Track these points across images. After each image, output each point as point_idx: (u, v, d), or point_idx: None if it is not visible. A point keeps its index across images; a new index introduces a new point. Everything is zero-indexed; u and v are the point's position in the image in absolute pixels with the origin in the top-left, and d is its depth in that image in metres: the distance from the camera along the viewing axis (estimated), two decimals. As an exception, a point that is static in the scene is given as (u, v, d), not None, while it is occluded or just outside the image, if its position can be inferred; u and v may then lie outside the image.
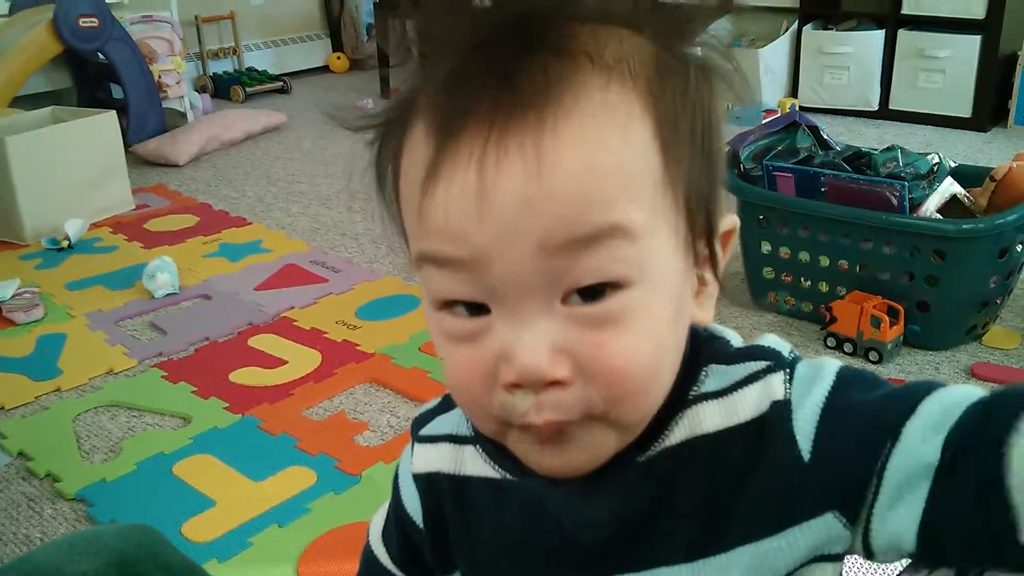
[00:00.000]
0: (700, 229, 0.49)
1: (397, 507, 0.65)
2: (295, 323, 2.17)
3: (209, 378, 1.93)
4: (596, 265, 0.44)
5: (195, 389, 1.89)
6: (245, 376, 1.94)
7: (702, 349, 0.54)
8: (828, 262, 1.99)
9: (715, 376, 0.52)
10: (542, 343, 0.45)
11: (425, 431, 0.62)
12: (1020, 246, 1.87)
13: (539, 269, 0.44)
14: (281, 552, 1.40)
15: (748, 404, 0.50)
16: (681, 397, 0.51)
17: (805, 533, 0.49)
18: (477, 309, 0.46)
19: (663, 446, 0.51)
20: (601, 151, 0.44)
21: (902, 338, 1.91)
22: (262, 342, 2.08)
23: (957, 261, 1.83)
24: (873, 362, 1.88)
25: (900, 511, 0.46)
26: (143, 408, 1.83)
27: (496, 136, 0.43)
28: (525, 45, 0.45)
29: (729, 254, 0.53)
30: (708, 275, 0.52)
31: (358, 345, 2.05)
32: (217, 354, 2.04)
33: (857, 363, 1.89)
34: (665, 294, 0.47)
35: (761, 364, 0.52)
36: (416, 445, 0.62)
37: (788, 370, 0.51)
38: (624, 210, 0.44)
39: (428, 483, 0.61)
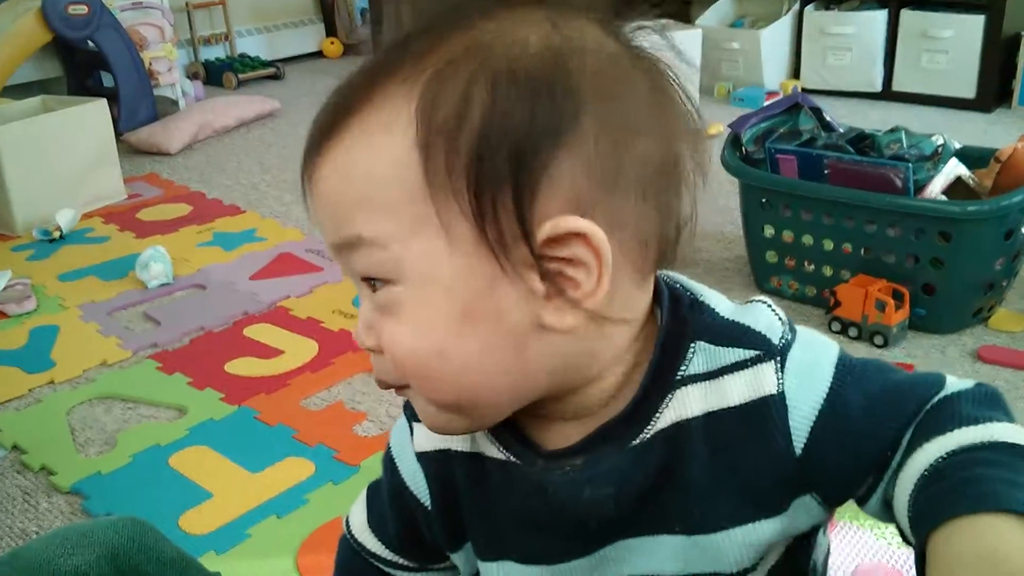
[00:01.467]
0: (511, 234, 0.48)
1: (396, 487, 0.64)
2: (291, 312, 2.14)
3: (204, 369, 1.90)
4: (359, 264, 0.52)
5: (190, 380, 1.86)
6: (241, 366, 1.91)
7: (687, 319, 0.55)
8: (832, 245, 1.97)
9: (702, 355, 0.54)
10: (362, 318, 0.54)
11: None
12: (1027, 227, 1.85)
13: (341, 261, 0.53)
14: (280, 544, 1.38)
15: (735, 391, 0.52)
16: (668, 378, 0.53)
17: (791, 512, 0.53)
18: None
19: (656, 429, 0.53)
20: (353, 165, 0.51)
21: (907, 322, 1.88)
22: (258, 332, 2.06)
23: (962, 243, 1.81)
24: (878, 346, 1.86)
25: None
26: (138, 400, 1.81)
27: (311, 159, 0.55)
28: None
29: (604, 261, 0.49)
30: (538, 284, 0.50)
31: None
32: (212, 344, 2.01)
33: (863, 347, 1.87)
34: (439, 295, 0.50)
35: (750, 353, 0.53)
36: (415, 425, 0.63)
37: (779, 359, 0.53)
38: (366, 223, 0.50)
39: (437, 459, 0.61)
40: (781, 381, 0.52)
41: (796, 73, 3.94)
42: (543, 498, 0.56)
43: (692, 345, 0.54)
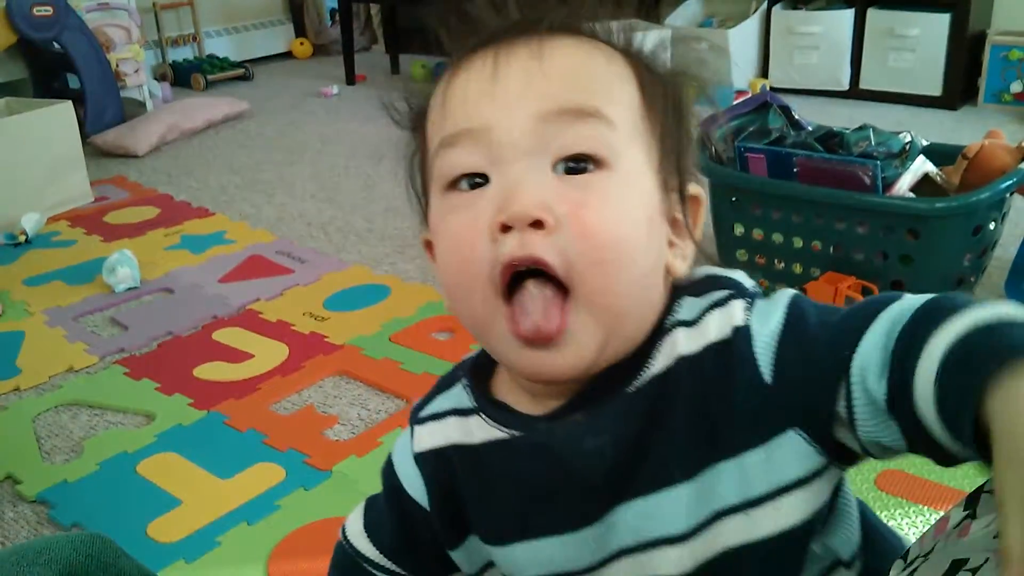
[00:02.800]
0: (672, 181, 0.58)
1: (394, 493, 0.66)
2: (261, 315, 2.12)
3: (173, 374, 1.88)
4: (580, 135, 0.53)
5: (158, 385, 1.84)
6: (210, 371, 1.89)
7: (675, 283, 0.60)
8: (801, 243, 1.97)
9: (687, 306, 0.57)
10: (532, 190, 0.52)
11: (427, 411, 0.66)
12: (993, 224, 1.86)
13: (534, 134, 0.53)
14: (250, 551, 1.37)
15: (712, 327, 0.55)
16: (659, 328, 0.57)
17: (777, 449, 0.53)
18: (478, 186, 0.55)
19: (649, 375, 0.56)
20: (591, 58, 0.57)
21: (877, 319, 1.89)
22: (227, 336, 2.03)
23: (931, 240, 1.82)
24: (849, 343, 1.87)
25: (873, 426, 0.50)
26: (105, 406, 1.78)
27: (506, 45, 0.56)
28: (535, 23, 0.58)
29: (701, 222, 0.61)
30: (675, 238, 0.59)
31: (326, 337, 2.00)
32: (180, 349, 1.99)
33: (833, 345, 1.87)
34: (639, 193, 0.55)
35: (724, 292, 0.57)
36: (416, 427, 0.65)
37: (749, 299, 0.56)
38: (606, 104, 0.55)
39: (436, 459, 0.63)
40: (748, 316, 0.55)
41: (764, 72, 3.96)
42: (549, 460, 0.57)
43: (679, 300, 0.58)
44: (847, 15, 3.69)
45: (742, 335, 0.54)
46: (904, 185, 1.90)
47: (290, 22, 5.28)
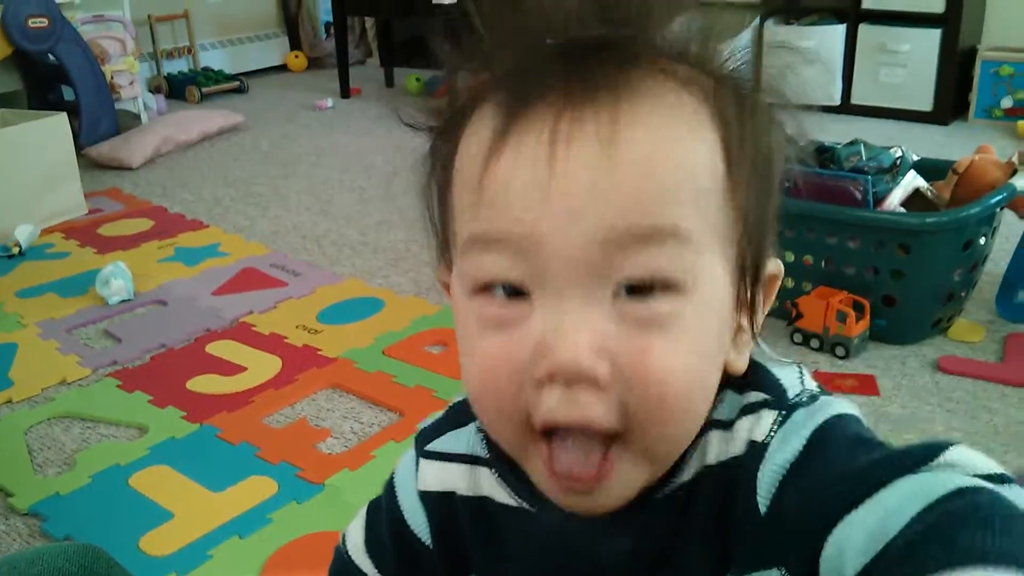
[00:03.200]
0: (748, 267, 0.48)
1: (396, 522, 0.62)
2: (254, 328, 2.13)
3: (166, 387, 1.88)
4: (651, 261, 0.43)
5: (151, 398, 1.83)
6: (203, 384, 1.89)
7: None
8: (793, 257, 1.98)
9: (727, 403, 0.50)
10: (584, 335, 0.42)
11: (434, 446, 0.60)
12: (983, 239, 1.87)
13: (593, 256, 0.43)
14: (242, 564, 1.36)
15: (740, 437, 0.48)
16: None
17: None
18: (517, 295, 0.45)
19: (680, 481, 0.50)
20: (673, 142, 0.44)
21: (868, 333, 1.90)
22: (220, 349, 2.04)
23: (921, 255, 1.83)
24: (840, 357, 1.88)
25: None
26: (97, 419, 1.78)
27: (571, 110, 0.42)
28: (600, 49, 0.44)
29: (770, 304, 0.52)
30: (744, 322, 0.50)
31: (319, 350, 2.00)
32: (174, 362, 1.99)
33: (824, 358, 1.88)
34: (713, 315, 0.46)
35: (761, 396, 0.50)
36: (422, 460, 0.60)
37: (784, 412, 0.48)
38: (688, 214, 0.43)
39: (440, 502, 0.59)
40: (772, 433, 0.47)
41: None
42: (562, 547, 0.52)
43: (721, 394, 0.50)
44: (839, 30, 3.71)
45: (757, 454, 0.47)
46: (895, 200, 1.91)
47: (285, 35, 5.30)
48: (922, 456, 0.41)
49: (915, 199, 1.94)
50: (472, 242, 0.46)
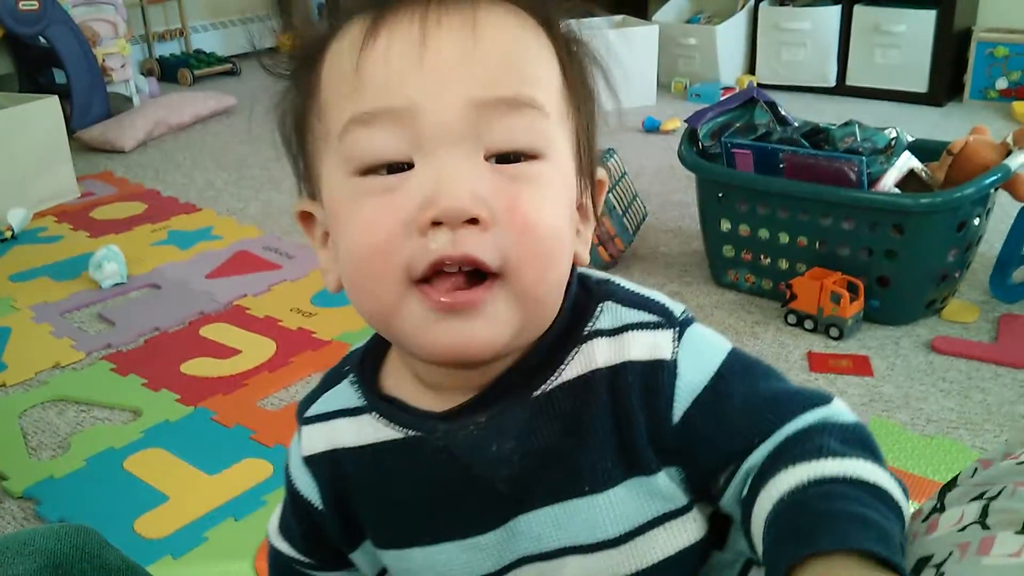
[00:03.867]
0: (586, 165, 0.56)
1: (293, 496, 0.64)
2: (248, 311, 2.12)
3: (160, 370, 1.87)
4: (515, 128, 0.50)
5: (145, 381, 1.83)
6: (197, 367, 1.88)
7: (594, 289, 0.58)
8: (787, 239, 1.98)
9: (608, 313, 0.56)
10: (464, 183, 0.49)
11: (313, 411, 0.62)
12: (977, 219, 1.87)
13: (467, 120, 0.49)
14: (237, 547, 1.36)
15: (636, 347, 0.54)
16: (576, 334, 0.55)
17: (668, 478, 0.55)
18: (398, 169, 0.50)
19: (560, 381, 0.55)
20: (523, 37, 0.52)
21: (862, 313, 1.91)
22: (214, 332, 2.03)
23: (916, 235, 1.83)
24: (834, 338, 1.88)
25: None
26: (92, 402, 1.78)
27: (435, 7, 0.50)
28: None
29: (599, 209, 0.60)
30: (580, 224, 0.58)
31: (314, 333, 2.00)
32: (168, 345, 1.99)
33: (819, 339, 1.89)
34: (566, 184, 0.54)
35: (652, 317, 0.56)
36: (304, 428, 0.62)
37: (678, 330, 0.55)
38: (540, 90, 0.52)
39: (326, 462, 0.61)
40: (676, 350, 0.54)
41: (752, 68, 3.97)
42: (450, 463, 0.55)
43: (600, 305, 0.57)
44: (834, 11, 3.70)
45: (668, 370, 0.54)
46: (889, 181, 1.91)
47: (278, 17, 5.26)
48: (813, 396, 0.54)
49: (910, 180, 1.93)
50: (353, 122, 0.50)
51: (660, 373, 0.54)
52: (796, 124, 2.14)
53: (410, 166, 0.50)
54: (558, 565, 0.56)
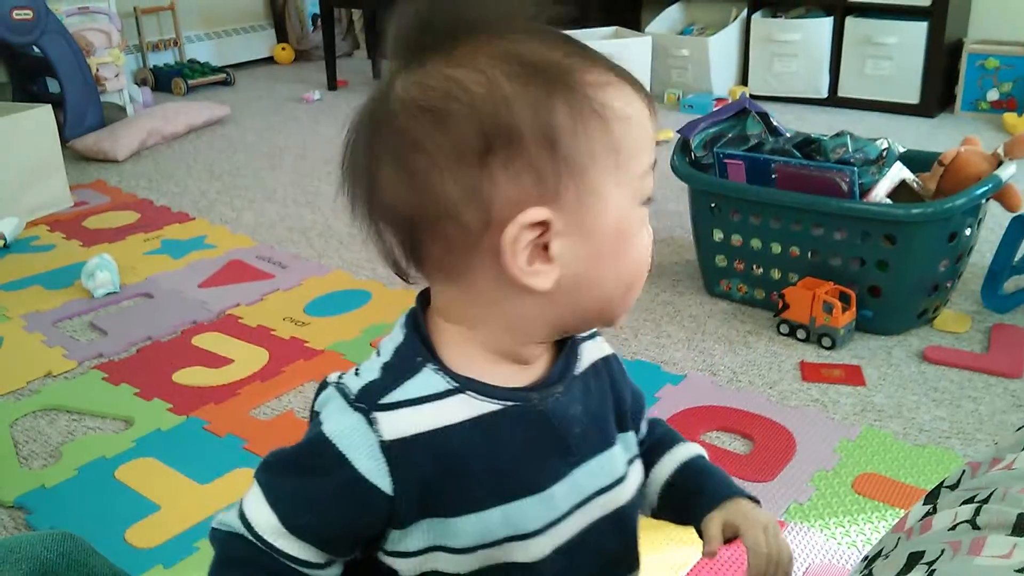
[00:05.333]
0: None
1: (346, 483, 0.62)
2: (241, 321, 2.12)
3: (152, 379, 1.87)
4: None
5: (137, 391, 1.83)
6: (189, 376, 1.88)
7: None
8: (780, 249, 1.99)
9: None
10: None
11: (396, 397, 0.63)
12: (969, 230, 1.88)
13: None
14: (229, 557, 1.36)
15: (597, 349, 0.74)
16: (571, 340, 0.72)
17: (632, 434, 0.76)
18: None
19: (584, 366, 0.71)
20: None
21: (854, 323, 1.91)
22: (207, 341, 2.03)
23: (907, 246, 1.84)
24: (826, 347, 1.88)
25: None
26: (83, 411, 1.77)
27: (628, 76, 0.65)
28: None
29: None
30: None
31: (307, 342, 2.00)
32: (160, 354, 1.98)
33: (811, 349, 1.89)
34: None
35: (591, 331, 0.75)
36: (381, 414, 0.63)
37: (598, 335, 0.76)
38: None
39: (421, 443, 0.62)
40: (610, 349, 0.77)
41: (744, 79, 3.99)
42: (542, 425, 0.66)
43: None
44: (826, 23, 3.72)
45: (616, 359, 0.76)
46: (881, 191, 1.92)
47: (272, 27, 5.27)
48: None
49: (901, 190, 1.94)
50: (648, 168, 0.64)
51: (615, 361, 0.76)
52: (788, 135, 2.14)
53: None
54: (593, 505, 0.69)
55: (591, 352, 0.73)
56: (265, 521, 0.64)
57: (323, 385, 0.68)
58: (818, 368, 1.82)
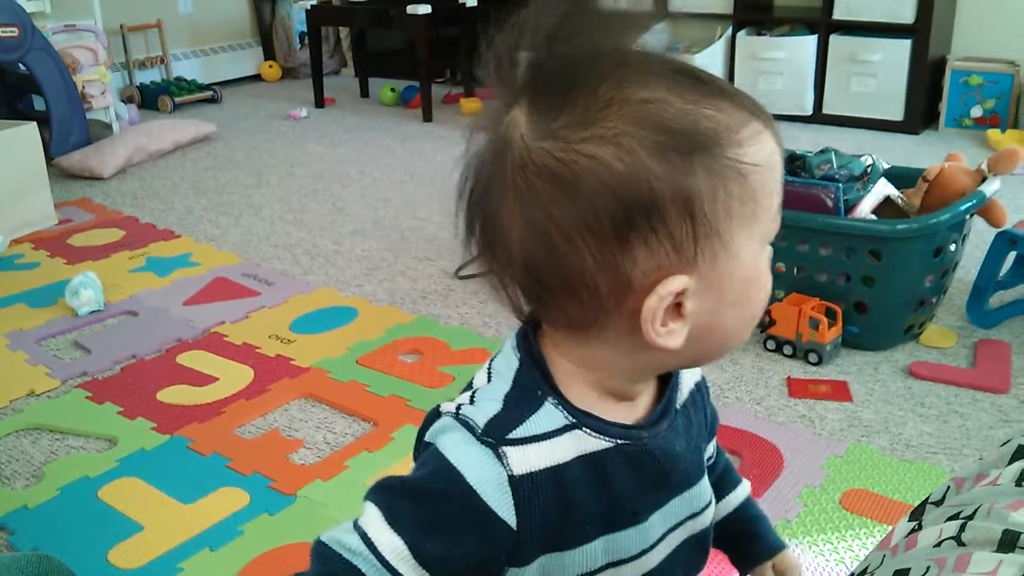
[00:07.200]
0: None
1: (477, 514, 0.61)
2: (226, 338, 2.11)
3: (136, 398, 1.86)
4: None
5: (121, 409, 1.81)
6: (174, 395, 1.87)
7: None
8: (766, 265, 1.99)
9: None
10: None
11: (523, 432, 0.63)
12: (954, 245, 1.89)
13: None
14: (213, 577, 1.35)
15: (691, 375, 0.75)
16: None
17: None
18: None
19: (684, 396, 0.72)
20: None
21: (840, 339, 1.91)
22: (191, 359, 2.02)
23: (892, 261, 1.84)
24: (813, 363, 1.88)
25: None
26: (66, 431, 1.76)
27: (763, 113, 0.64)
28: None
29: None
30: None
31: (292, 360, 1.99)
32: (144, 373, 1.97)
33: (797, 365, 1.89)
34: None
35: None
36: (510, 448, 0.62)
37: None
38: None
39: (547, 477, 0.63)
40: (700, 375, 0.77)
41: (731, 96, 4.00)
42: (650, 461, 0.67)
43: None
44: (810, 41, 3.74)
45: (704, 382, 0.76)
46: (866, 207, 1.92)
47: (259, 45, 5.27)
48: None
49: (886, 206, 1.95)
50: (778, 211, 0.64)
51: (706, 384, 0.77)
52: (774, 151, 2.15)
53: None
54: (682, 529, 0.72)
55: (688, 381, 0.74)
56: (389, 543, 0.61)
57: (435, 415, 0.65)
58: (805, 384, 1.82)
